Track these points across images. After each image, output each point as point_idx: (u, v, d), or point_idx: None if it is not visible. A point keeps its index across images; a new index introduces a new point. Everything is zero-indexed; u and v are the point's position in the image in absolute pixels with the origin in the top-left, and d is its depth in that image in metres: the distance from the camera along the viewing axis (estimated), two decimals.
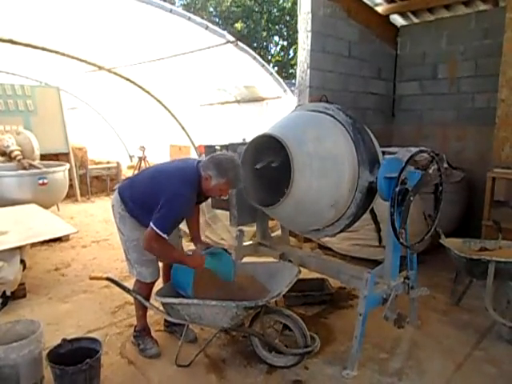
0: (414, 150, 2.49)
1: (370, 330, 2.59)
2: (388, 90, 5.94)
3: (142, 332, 2.78)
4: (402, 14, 5.70)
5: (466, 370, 2.56)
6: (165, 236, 2.36)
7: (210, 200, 3.48)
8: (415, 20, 5.74)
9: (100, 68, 7.82)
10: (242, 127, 6.68)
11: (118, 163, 8.45)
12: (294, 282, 2.47)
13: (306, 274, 3.12)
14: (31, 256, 4.38)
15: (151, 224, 2.35)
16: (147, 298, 2.69)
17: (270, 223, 3.51)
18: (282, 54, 20.60)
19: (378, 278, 2.56)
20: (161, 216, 2.38)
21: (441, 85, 5.51)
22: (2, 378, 2.18)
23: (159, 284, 2.81)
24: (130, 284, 2.79)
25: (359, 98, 5.50)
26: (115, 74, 7.97)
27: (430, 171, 2.53)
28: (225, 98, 7.24)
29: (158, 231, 2.34)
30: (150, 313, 3.04)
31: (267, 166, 2.75)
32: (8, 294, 3.27)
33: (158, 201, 2.40)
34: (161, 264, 2.80)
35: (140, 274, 2.68)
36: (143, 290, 2.68)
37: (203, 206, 5.14)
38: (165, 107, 8.33)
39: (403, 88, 5.93)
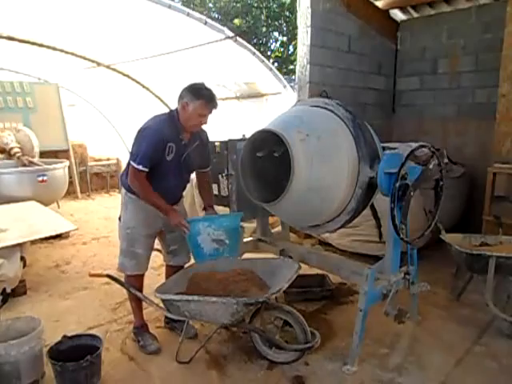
0: (414, 145, 2.48)
1: (370, 325, 2.60)
2: (388, 85, 5.92)
3: (140, 328, 2.81)
4: (402, 9, 5.67)
5: (467, 365, 2.56)
6: (141, 168, 2.44)
7: None
8: (415, 14, 5.71)
9: (99, 64, 7.79)
10: (242, 123, 6.66)
11: (117, 160, 8.44)
12: (295, 277, 2.46)
13: (306, 269, 3.12)
14: (31, 253, 4.38)
15: (130, 161, 2.48)
16: (134, 298, 2.74)
17: (271, 219, 3.51)
18: (282, 49, 20.50)
19: (378, 274, 2.56)
20: (133, 152, 2.48)
21: (441, 80, 5.49)
22: (2, 374, 2.18)
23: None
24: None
25: (359, 93, 5.48)
26: (114, 70, 7.94)
27: (431, 166, 2.52)
28: (224, 94, 7.21)
29: (133, 165, 2.44)
30: (150, 309, 3.05)
31: (268, 156, 2.74)
32: (8, 291, 3.27)
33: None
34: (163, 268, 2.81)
35: (122, 264, 2.72)
36: (126, 282, 2.73)
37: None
38: (164, 103, 8.31)
39: (403, 83, 5.91)
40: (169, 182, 2.63)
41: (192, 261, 2.89)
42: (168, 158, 2.54)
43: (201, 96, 2.52)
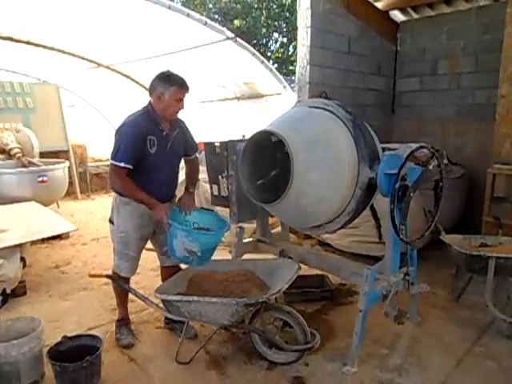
0: (414, 146, 2.48)
1: (370, 326, 2.60)
2: (388, 86, 5.92)
3: (120, 322, 2.86)
4: (402, 10, 5.67)
5: (466, 366, 2.56)
6: (123, 165, 2.44)
7: (210, 197, 3.48)
8: (415, 16, 5.71)
9: (99, 65, 7.80)
10: (242, 124, 6.67)
11: None
12: (294, 278, 2.46)
13: (305, 270, 3.12)
14: (31, 254, 4.38)
15: (110, 161, 2.49)
16: (119, 293, 2.80)
17: (270, 220, 3.50)
18: (282, 50, 20.51)
19: (378, 275, 2.56)
20: (113, 151, 2.49)
21: (441, 81, 5.49)
22: (2, 375, 2.18)
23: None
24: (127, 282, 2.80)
25: (359, 94, 5.48)
26: (114, 70, 7.95)
27: (430, 167, 2.52)
28: (224, 94, 7.23)
29: (114, 163, 2.46)
30: (149, 310, 3.06)
31: (268, 156, 2.74)
32: (8, 291, 3.27)
33: None
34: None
35: (117, 267, 2.74)
36: (113, 284, 2.77)
37: (203, 202, 5.15)
38: None
39: (403, 84, 5.91)
40: (158, 177, 2.61)
41: None
42: (151, 151, 2.53)
43: (173, 82, 2.53)
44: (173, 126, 2.68)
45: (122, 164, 2.44)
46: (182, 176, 2.93)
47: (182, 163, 2.89)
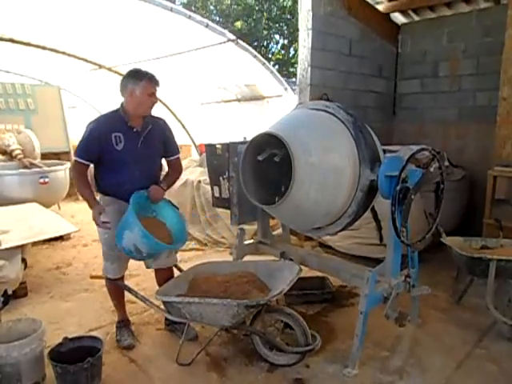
0: (414, 148, 2.49)
1: (371, 328, 2.60)
2: (389, 88, 5.93)
3: (120, 323, 2.87)
4: (403, 12, 5.68)
5: (467, 368, 2.56)
6: (78, 159, 2.54)
7: (210, 198, 3.49)
8: (416, 18, 5.72)
9: (100, 67, 7.81)
10: (243, 126, 6.67)
11: None
12: (295, 280, 2.47)
13: (306, 272, 3.12)
14: (32, 255, 4.39)
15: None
16: (114, 294, 2.84)
17: (271, 222, 3.51)
18: (283, 52, 20.55)
19: (379, 277, 2.56)
20: (77, 146, 2.59)
21: (442, 83, 5.50)
22: (3, 376, 2.19)
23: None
24: (129, 283, 2.80)
25: (360, 96, 5.48)
26: (116, 72, 7.95)
27: (431, 169, 2.53)
28: (225, 96, 7.23)
29: (75, 158, 2.56)
30: (150, 311, 3.06)
31: (269, 158, 2.73)
32: (9, 292, 3.27)
33: None
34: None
35: (104, 269, 2.78)
36: (109, 287, 2.82)
37: (204, 204, 5.16)
38: (165, 106, 8.31)
39: (404, 86, 5.91)
40: (132, 172, 2.62)
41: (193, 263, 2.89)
42: (117, 148, 2.56)
43: (142, 77, 2.57)
44: (146, 123, 2.67)
45: (78, 159, 2.55)
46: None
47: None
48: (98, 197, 2.71)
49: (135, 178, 2.64)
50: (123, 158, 2.57)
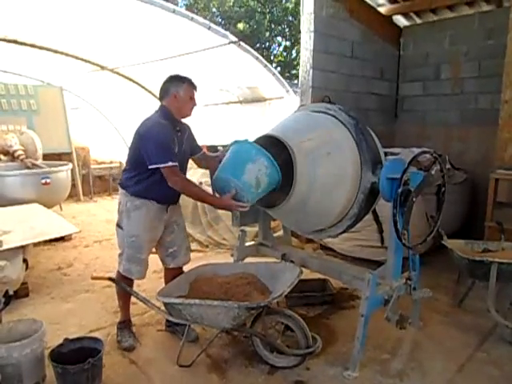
0: (416, 150, 2.50)
1: (371, 330, 2.59)
2: (391, 91, 5.93)
3: (122, 324, 2.86)
4: (405, 15, 5.69)
5: (468, 372, 2.55)
6: (172, 164, 2.43)
7: None
8: (418, 21, 5.73)
9: (103, 68, 7.83)
10: (245, 127, 6.68)
11: (120, 163, 8.46)
12: (296, 282, 2.46)
13: (307, 274, 3.11)
14: (34, 255, 4.39)
15: (153, 166, 2.45)
16: (123, 296, 2.81)
17: (272, 224, 3.51)
18: (285, 54, 20.58)
19: (380, 279, 2.56)
20: (151, 154, 2.45)
21: (444, 85, 5.50)
22: (4, 376, 2.18)
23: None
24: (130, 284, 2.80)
25: (362, 98, 5.49)
26: (118, 74, 7.98)
27: (433, 172, 2.52)
28: (228, 98, 7.24)
29: (163, 165, 2.43)
30: (151, 312, 3.06)
31: None
32: (11, 293, 3.25)
33: (141, 151, 2.50)
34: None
35: (127, 271, 2.73)
36: (117, 287, 2.78)
37: (205, 206, 5.16)
38: None
39: (406, 88, 5.92)
40: None
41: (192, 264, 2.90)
42: (176, 151, 2.57)
43: (184, 79, 2.63)
44: (183, 128, 2.74)
45: (170, 163, 2.44)
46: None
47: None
48: (125, 199, 2.67)
49: None
50: (177, 161, 2.54)
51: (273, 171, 2.37)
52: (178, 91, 2.59)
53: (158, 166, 2.44)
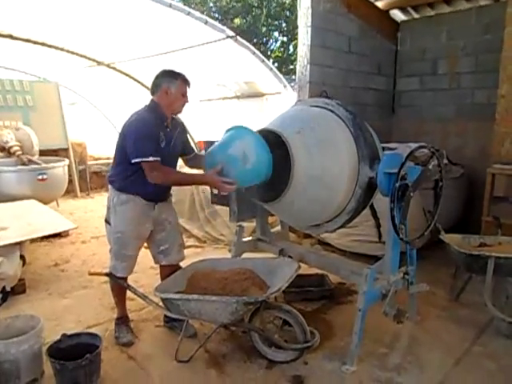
0: (413, 145, 2.50)
1: (369, 325, 2.60)
2: (388, 86, 5.92)
3: (119, 320, 2.86)
4: (403, 9, 5.67)
5: (465, 365, 2.57)
6: (153, 159, 2.41)
7: (209, 196, 3.49)
8: (415, 15, 5.71)
9: (99, 63, 7.79)
10: (242, 123, 6.65)
11: None
12: (294, 277, 2.47)
13: (305, 269, 3.12)
14: (31, 251, 4.38)
15: (134, 160, 2.44)
16: (117, 292, 2.80)
17: (270, 219, 3.51)
18: (282, 49, 20.50)
19: (377, 274, 2.57)
20: (134, 148, 2.44)
21: (441, 80, 5.49)
22: (2, 372, 2.19)
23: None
24: (128, 279, 2.80)
25: (359, 93, 5.48)
26: (114, 69, 7.94)
27: (430, 167, 2.53)
28: (224, 93, 7.22)
29: (143, 159, 2.42)
30: (149, 308, 3.06)
31: None
32: (8, 289, 3.27)
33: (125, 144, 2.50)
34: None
35: (113, 267, 2.72)
36: (113, 284, 2.77)
37: (202, 201, 5.15)
38: None
39: (403, 83, 5.91)
40: None
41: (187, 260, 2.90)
42: (162, 146, 2.55)
43: (177, 75, 2.59)
44: (175, 124, 2.71)
45: (151, 158, 2.43)
46: None
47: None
48: (112, 195, 2.67)
49: None
50: (163, 156, 2.53)
51: (262, 151, 2.40)
52: (169, 87, 2.55)
53: (137, 160, 2.44)
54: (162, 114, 2.58)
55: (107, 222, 2.73)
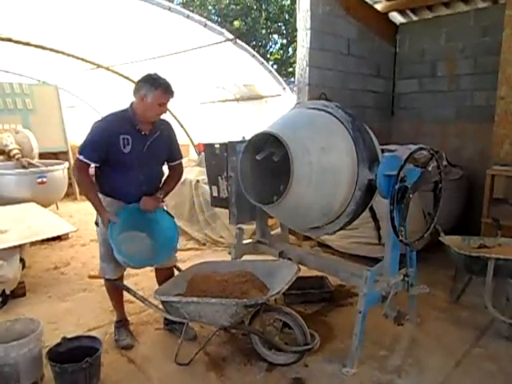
0: (413, 147, 2.49)
1: (369, 327, 2.60)
2: (387, 88, 5.93)
3: (118, 323, 2.86)
4: (401, 12, 5.69)
5: (466, 367, 2.57)
6: (82, 158, 2.48)
7: (209, 198, 3.48)
8: (414, 18, 5.73)
9: (98, 66, 7.79)
10: (242, 125, 6.67)
11: None
12: (294, 279, 2.47)
13: (305, 271, 3.12)
14: (31, 255, 4.38)
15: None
16: (113, 294, 2.82)
17: (270, 221, 3.51)
18: (281, 51, 20.55)
19: (377, 276, 2.56)
20: (81, 144, 2.51)
21: (440, 82, 5.50)
22: (2, 376, 2.18)
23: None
24: (128, 282, 2.80)
25: (358, 95, 5.49)
26: (113, 72, 7.94)
27: (430, 169, 2.53)
28: (224, 96, 7.22)
29: (78, 156, 2.49)
30: (149, 311, 3.05)
31: (268, 157, 2.73)
32: (7, 292, 3.27)
33: None
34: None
35: (102, 269, 2.75)
36: (108, 286, 2.80)
37: (202, 204, 5.15)
38: None
39: (402, 86, 5.92)
40: (136, 176, 2.61)
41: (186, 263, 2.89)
42: (125, 151, 2.53)
43: (158, 85, 2.52)
44: (155, 128, 2.66)
45: (81, 157, 2.48)
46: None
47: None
48: (100, 196, 2.67)
49: (139, 182, 2.63)
50: (129, 161, 2.54)
51: (122, 257, 2.55)
52: (146, 95, 2.51)
53: (77, 154, 2.51)
54: (133, 118, 2.57)
55: (96, 224, 2.73)
